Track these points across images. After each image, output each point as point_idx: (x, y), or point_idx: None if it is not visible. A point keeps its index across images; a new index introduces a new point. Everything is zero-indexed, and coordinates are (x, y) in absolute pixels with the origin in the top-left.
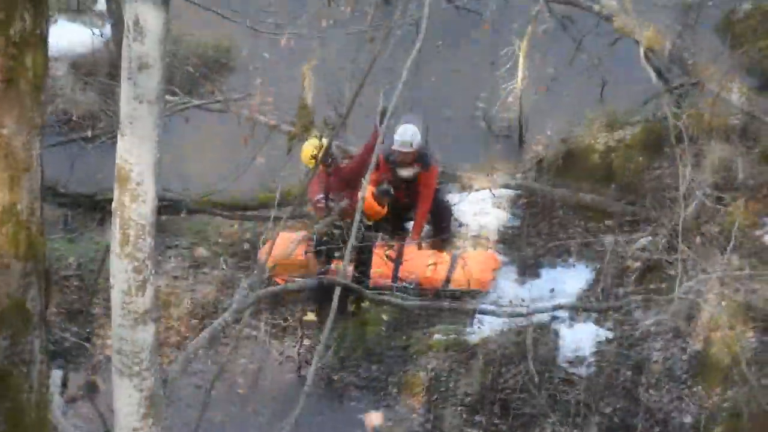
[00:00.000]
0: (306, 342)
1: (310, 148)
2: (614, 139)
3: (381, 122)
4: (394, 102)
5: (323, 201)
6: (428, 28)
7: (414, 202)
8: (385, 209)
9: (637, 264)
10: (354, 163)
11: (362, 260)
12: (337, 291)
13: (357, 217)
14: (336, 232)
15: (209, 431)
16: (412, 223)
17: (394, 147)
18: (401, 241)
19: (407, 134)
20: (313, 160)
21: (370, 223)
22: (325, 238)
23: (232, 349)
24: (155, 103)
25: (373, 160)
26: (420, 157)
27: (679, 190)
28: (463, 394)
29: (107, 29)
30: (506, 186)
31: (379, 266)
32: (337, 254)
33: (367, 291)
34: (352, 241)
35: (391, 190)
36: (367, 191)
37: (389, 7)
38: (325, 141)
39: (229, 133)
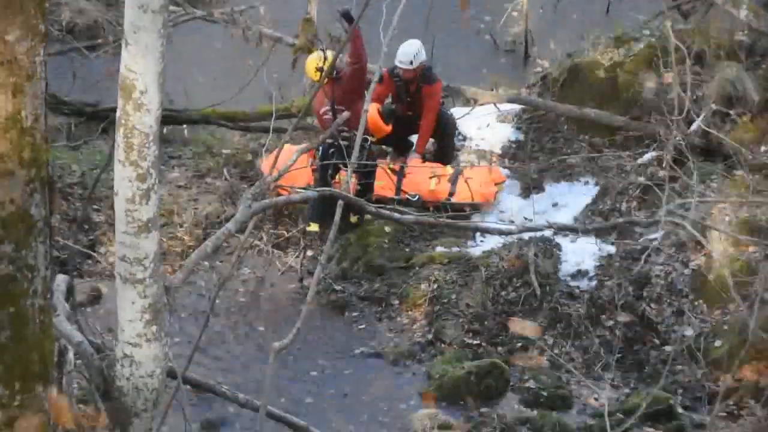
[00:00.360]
0: (308, 252)
1: (314, 61)
2: (619, 55)
3: (348, 22)
4: (397, 18)
5: (329, 113)
6: None
7: (418, 115)
8: (390, 128)
9: (641, 179)
10: (349, 69)
11: (366, 173)
12: (340, 204)
13: (360, 130)
14: (341, 143)
15: (211, 340)
16: (416, 137)
17: (397, 63)
18: (405, 154)
19: (408, 51)
20: (318, 73)
21: (375, 139)
22: (331, 150)
23: (236, 259)
24: (159, 13)
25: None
26: (424, 72)
27: (675, 107)
28: (465, 306)
29: None
30: (511, 100)
31: (383, 179)
32: (341, 166)
33: (369, 204)
34: (355, 154)
35: (397, 109)
36: (371, 108)
37: None
38: (329, 54)
39: (233, 45)
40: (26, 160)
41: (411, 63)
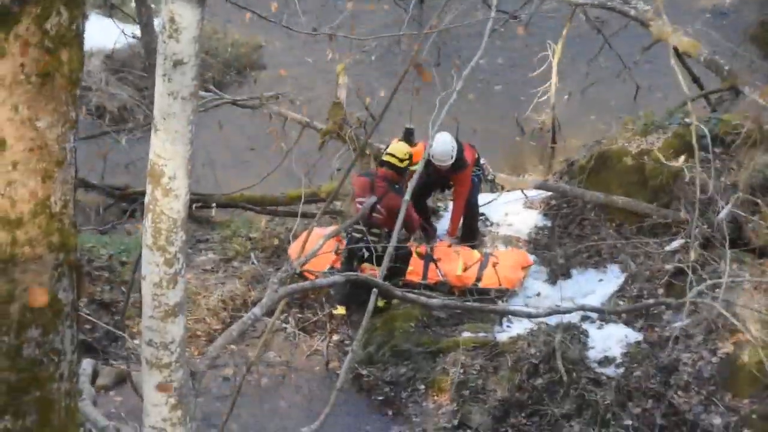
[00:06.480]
0: (335, 336)
1: (404, 148)
2: (647, 143)
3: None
4: (443, 114)
5: (368, 208)
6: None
7: (435, 180)
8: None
9: (668, 267)
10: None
11: (397, 257)
12: (374, 291)
13: (400, 218)
14: (367, 236)
15: (237, 425)
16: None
17: (433, 160)
18: (433, 239)
19: (445, 150)
20: (405, 162)
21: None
22: (356, 237)
23: (262, 343)
24: (189, 100)
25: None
26: (454, 162)
27: (696, 195)
28: (492, 392)
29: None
30: (538, 187)
31: (411, 264)
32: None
33: (396, 288)
34: (393, 241)
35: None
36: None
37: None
38: (417, 146)
39: (262, 130)
40: (55, 245)
41: (451, 158)
